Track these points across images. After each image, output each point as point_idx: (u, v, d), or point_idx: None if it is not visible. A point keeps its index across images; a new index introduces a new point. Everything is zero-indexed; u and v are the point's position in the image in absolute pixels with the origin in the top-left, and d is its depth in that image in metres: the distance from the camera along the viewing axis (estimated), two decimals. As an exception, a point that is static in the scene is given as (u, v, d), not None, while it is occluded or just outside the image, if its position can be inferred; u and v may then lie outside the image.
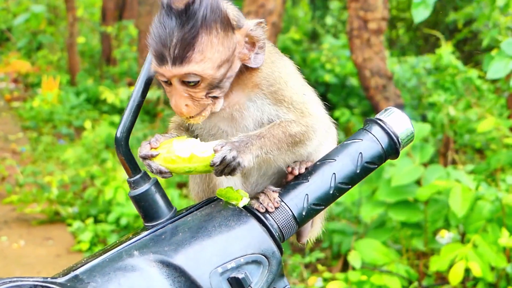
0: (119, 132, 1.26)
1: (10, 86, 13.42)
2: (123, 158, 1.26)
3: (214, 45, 1.27)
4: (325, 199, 1.32)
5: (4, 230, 5.75)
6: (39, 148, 8.18)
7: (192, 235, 1.17)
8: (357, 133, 1.38)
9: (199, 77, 1.26)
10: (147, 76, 1.28)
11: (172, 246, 1.15)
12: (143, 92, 1.28)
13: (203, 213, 1.24)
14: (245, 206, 1.27)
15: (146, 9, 10.48)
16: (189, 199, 5.80)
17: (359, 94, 8.48)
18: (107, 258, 1.14)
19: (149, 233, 1.20)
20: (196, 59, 1.25)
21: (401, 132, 1.36)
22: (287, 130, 1.36)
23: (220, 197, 1.28)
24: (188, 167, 1.27)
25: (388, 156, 1.37)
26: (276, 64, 1.40)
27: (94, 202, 5.84)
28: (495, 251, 3.65)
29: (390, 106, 1.42)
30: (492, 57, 4.37)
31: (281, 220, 1.28)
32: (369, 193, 4.36)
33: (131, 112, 1.26)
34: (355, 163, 1.33)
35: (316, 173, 1.33)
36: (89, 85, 11.05)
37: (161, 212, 1.24)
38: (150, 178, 1.27)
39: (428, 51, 10.83)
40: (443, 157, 5.49)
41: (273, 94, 1.37)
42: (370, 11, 6.46)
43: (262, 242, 1.20)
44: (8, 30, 16.63)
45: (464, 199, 3.72)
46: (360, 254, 3.85)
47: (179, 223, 1.22)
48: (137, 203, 1.26)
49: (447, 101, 5.29)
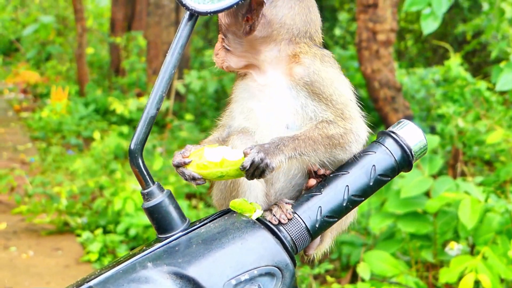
0: (133, 144, 1.26)
1: (19, 97, 13.58)
2: (136, 170, 1.26)
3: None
4: (338, 211, 1.32)
5: (13, 240, 5.78)
6: (48, 158, 8.23)
7: (206, 247, 1.18)
8: (370, 146, 1.39)
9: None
10: (161, 88, 1.30)
11: (186, 258, 1.16)
12: (157, 104, 1.28)
13: (216, 225, 1.25)
14: (259, 218, 1.28)
15: (155, 20, 10.56)
16: (198, 209, 5.84)
17: (368, 105, 8.51)
18: (121, 269, 1.15)
19: (163, 244, 1.21)
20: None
21: (414, 144, 1.37)
22: (323, 132, 1.36)
23: (233, 209, 1.29)
24: (220, 171, 1.28)
25: (401, 168, 1.37)
26: (323, 61, 1.43)
27: (103, 213, 5.85)
28: (505, 263, 3.63)
29: (403, 119, 1.43)
30: (501, 69, 4.41)
31: (294, 232, 1.28)
32: (378, 204, 4.36)
33: (144, 124, 1.27)
34: (368, 175, 1.33)
35: (329, 186, 1.33)
36: (98, 95, 11.16)
37: (174, 224, 1.25)
38: (164, 190, 1.28)
39: (437, 62, 10.89)
40: (452, 169, 5.50)
41: (311, 85, 1.39)
42: (379, 23, 6.51)
43: (276, 254, 1.21)
44: (17, 41, 16.85)
45: (474, 211, 3.71)
46: (369, 266, 3.84)
47: (193, 235, 1.23)
48: (151, 215, 1.26)
49: (456, 112, 5.30)
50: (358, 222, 4.84)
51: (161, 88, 1.28)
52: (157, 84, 1.29)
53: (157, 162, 6.05)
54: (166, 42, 10.28)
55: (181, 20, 1.33)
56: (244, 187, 1.40)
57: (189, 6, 1.28)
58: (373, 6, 6.55)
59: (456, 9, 10.01)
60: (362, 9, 6.67)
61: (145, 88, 10.80)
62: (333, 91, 1.40)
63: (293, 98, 1.40)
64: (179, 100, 9.95)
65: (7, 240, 5.74)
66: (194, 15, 1.30)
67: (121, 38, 11.86)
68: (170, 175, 6.19)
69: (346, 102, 1.42)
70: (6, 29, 17.10)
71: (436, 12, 4.65)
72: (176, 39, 1.29)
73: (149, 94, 1.29)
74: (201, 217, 1.33)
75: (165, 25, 10.40)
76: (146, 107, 1.28)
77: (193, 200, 6.14)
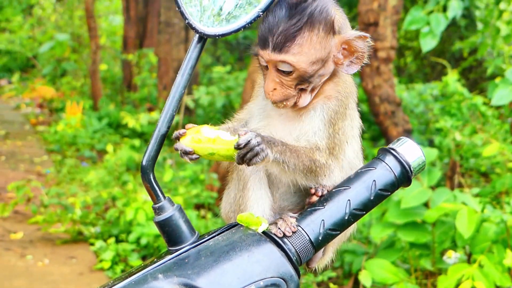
0: (145, 161, 1.30)
1: (35, 111, 13.65)
2: (148, 185, 1.30)
3: (313, 43, 1.36)
4: (340, 225, 1.34)
5: (29, 249, 5.85)
6: (63, 170, 8.32)
7: (214, 259, 1.21)
8: (371, 162, 1.41)
9: (292, 67, 1.35)
10: (172, 107, 1.33)
11: (195, 269, 1.19)
12: (168, 123, 1.32)
13: (224, 238, 1.28)
14: (264, 231, 1.31)
15: (166, 37, 10.65)
16: (206, 219, 5.89)
17: (369, 119, 8.57)
18: (133, 280, 1.19)
19: (173, 257, 1.24)
20: (293, 51, 1.34)
21: (413, 161, 1.40)
22: (310, 154, 1.39)
23: (240, 222, 1.32)
24: (211, 148, 1.30)
25: (401, 184, 1.40)
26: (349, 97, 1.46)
27: (115, 223, 5.91)
28: (500, 271, 3.65)
29: (402, 136, 1.47)
30: (496, 84, 4.47)
31: (299, 245, 1.31)
32: (379, 214, 4.43)
33: (156, 142, 1.31)
34: (369, 190, 1.36)
35: (332, 200, 1.36)
36: (111, 110, 11.27)
37: (184, 237, 1.28)
38: (174, 204, 1.30)
39: (435, 78, 10.94)
40: (450, 180, 5.54)
41: (336, 114, 1.42)
42: (380, 41, 6.61)
43: (281, 266, 1.23)
44: (34, 58, 17.09)
45: (470, 221, 3.75)
46: (371, 274, 3.89)
47: (202, 247, 1.26)
48: (162, 228, 1.29)
49: (453, 126, 5.35)
50: (360, 232, 4.92)
51: (172, 107, 1.32)
52: (167, 103, 1.32)
53: (167, 174, 6.14)
54: (176, 59, 10.42)
55: (191, 42, 1.36)
56: (252, 202, 1.44)
57: (198, 29, 1.34)
58: (374, 24, 6.67)
59: (453, 27, 10.12)
60: (363, 28, 6.77)
61: (156, 102, 10.89)
62: (341, 127, 1.45)
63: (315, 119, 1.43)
64: (188, 114, 10.08)
65: (23, 249, 5.84)
66: (203, 38, 1.34)
67: (133, 55, 11.99)
68: (180, 186, 6.28)
69: (342, 143, 1.46)
70: (24, 47, 17.34)
71: (434, 31, 4.78)
72: (186, 61, 1.34)
73: (160, 108, 1.40)
74: (210, 227, 1.43)
75: (175, 42, 10.56)
76: (157, 125, 1.32)
77: (202, 210, 6.20)
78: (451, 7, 4.93)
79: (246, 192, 1.44)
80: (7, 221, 6.55)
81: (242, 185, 1.46)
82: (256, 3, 1.36)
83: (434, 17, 5.02)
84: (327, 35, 1.38)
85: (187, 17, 1.36)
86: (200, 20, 1.37)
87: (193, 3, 1.38)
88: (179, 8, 1.37)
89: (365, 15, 6.80)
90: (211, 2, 1.38)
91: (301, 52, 1.35)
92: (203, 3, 1.38)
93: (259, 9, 1.35)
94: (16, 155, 9.80)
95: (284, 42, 1.34)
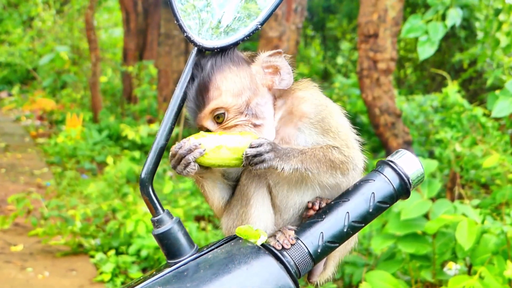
0: (144, 174, 1.30)
1: (35, 123, 13.73)
2: (147, 198, 1.30)
3: (229, 79, 1.40)
4: (339, 237, 1.34)
5: (29, 261, 5.85)
6: (63, 182, 8.34)
7: (213, 272, 1.21)
8: (369, 174, 1.41)
9: (223, 109, 1.40)
10: (170, 120, 1.34)
11: (194, 282, 1.19)
12: (166, 136, 1.33)
13: (223, 250, 1.28)
14: (263, 244, 1.32)
15: (165, 49, 10.76)
16: (206, 231, 5.89)
17: (369, 131, 8.62)
18: None
19: (172, 269, 1.24)
20: (214, 96, 1.39)
21: (411, 173, 1.39)
22: (327, 154, 1.41)
23: (239, 235, 1.33)
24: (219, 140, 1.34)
25: (400, 196, 1.40)
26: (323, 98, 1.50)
27: (115, 235, 5.93)
28: (501, 282, 3.65)
29: (401, 149, 1.47)
30: (497, 96, 4.49)
31: (297, 257, 1.31)
32: (379, 226, 4.43)
33: (155, 155, 1.31)
34: (368, 202, 1.36)
35: (331, 212, 1.36)
36: (111, 122, 11.33)
37: (183, 250, 1.29)
38: (173, 217, 1.31)
39: (435, 90, 11.03)
40: (450, 192, 5.54)
41: (320, 122, 1.45)
42: (380, 52, 6.67)
43: (279, 278, 1.23)
44: (34, 70, 17.18)
45: (471, 233, 3.75)
46: (371, 285, 3.87)
47: (201, 260, 1.26)
48: (161, 241, 1.30)
49: (454, 138, 5.36)
50: (360, 243, 4.92)
51: (171, 120, 1.33)
52: (166, 116, 1.34)
53: (167, 186, 6.15)
54: (176, 70, 10.50)
55: (189, 55, 1.38)
56: (254, 218, 1.45)
57: (196, 42, 1.35)
58: (373, 36, 6.73)
59: (453, 38, 10.22)
60: (363, 39, 6.85)
61: (156, 114, 10.94)
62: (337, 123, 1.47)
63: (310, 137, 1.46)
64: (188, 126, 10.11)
65: (23, 261, 5.83)
66: (202, 51, 1.36)
67: (133, 67, 12.08)
68: (180, 198, 6.29)
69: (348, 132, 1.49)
70: (24, 59, 17.45)
71: (432, 39, 4.81)
72: (185, 74, 1.36)
73: (160, 120, 1.42)
74: (210, 239, 1.43)
75: (175, 54, 10.64)
76: (156, 138, 1.32)
77: (202, 222, 6.20)
78: (450, 16, 4.96)
79: (249, 208, 1.45)
80: (7, 234, 6.56)
81: (245, 200, 1.47)
82: (255, 16, 1.37)
83: (432, 25, 5.05)
84: (241, 67, 1.42)
85: (185, 30, 1.38)
86: (198, 33, 1.38)
87: (191, 16, 1.40)
88: (177, 21, 1.38)
89: (365, 26, 6.86)
90: (210, 15, 1.40)
91: (221, 92, 1.39)
92: (201, 16, 1.40)
93: (258, 22, 1.36)
94: (16, 168, 9.82)
95: (202, 98, 1.40)
